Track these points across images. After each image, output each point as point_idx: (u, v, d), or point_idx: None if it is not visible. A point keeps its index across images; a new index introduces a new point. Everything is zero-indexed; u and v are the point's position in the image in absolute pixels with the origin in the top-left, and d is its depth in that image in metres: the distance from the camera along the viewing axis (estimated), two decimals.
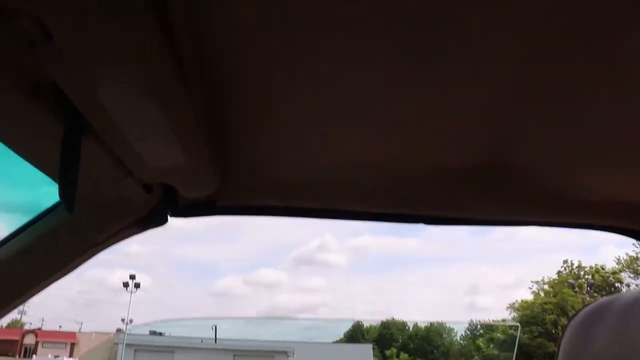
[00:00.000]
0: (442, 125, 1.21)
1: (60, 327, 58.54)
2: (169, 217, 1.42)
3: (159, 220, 1.40)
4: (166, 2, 0.79)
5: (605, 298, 1.05)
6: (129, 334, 46.86)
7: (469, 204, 1.51)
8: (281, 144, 1.31)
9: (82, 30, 0.73)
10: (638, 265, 40.11)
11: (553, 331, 39.81)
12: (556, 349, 1.07)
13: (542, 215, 1.58)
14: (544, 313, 40.66)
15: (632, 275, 40.63)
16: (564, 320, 37.84)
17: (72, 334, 56.10)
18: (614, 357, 0.90)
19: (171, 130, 1.00)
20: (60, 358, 39.23)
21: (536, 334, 40.32)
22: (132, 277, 46.40)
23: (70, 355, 47.70)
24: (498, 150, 1.31)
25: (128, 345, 43.96)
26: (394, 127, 1.22)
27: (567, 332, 1.05)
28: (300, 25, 0.89)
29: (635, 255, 40.14)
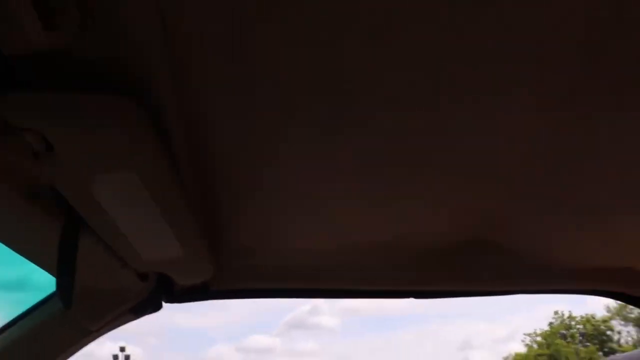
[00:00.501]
0: (431, 207, 1.26)
1: None
2: (163, 303, 1.44)
3: (154, 307, 1.42)
4: (160, 109, 0.82)
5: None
6: None
7: (457, 277, 1.55)
8: (273, 230, 1.34)
9: (82, 143, 0.78)
10: (627, 312, 39.96)
11: None
12: None
13: (531, 285, 1.62)
14: None
15: (622, 322, 40.41)
16: None
17: None
18: None
19: (166, 223, 1.03)
20: None
21: None
22: (122, 349, 44.83)
23: None
24: (485, 228, 1.37)
25: None
26: (384, 208, 1.26)
27: None
28: (287, 120, 0.92)
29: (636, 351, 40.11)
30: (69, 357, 1.34)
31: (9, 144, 0.79)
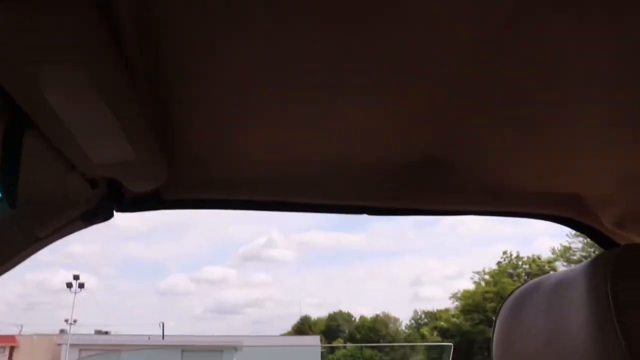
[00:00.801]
0: (382, 120, 1.24)
1: None
2: (114, 212, 1.42)
3: (104, 215, 1.39)
4: (112, 3, 0.79)
5: (536, 279, 1.09)
6: (74, 335, 45.57)
7: (411, 196, 1.56)
8: (225, 138, 1.32)
9: (22, 26, 0.73)
10: (571, 255, 42.09)
11: (493, 318, 41.14)
12: (492, 327, 1.14)
13: (481, 206, 1.66)
14: (485, 301, 41.98)
15: (565, 264, 42.33)
16: None
17: (11, 337, 53.81)
18: (543, 331, 0.95)
19: (117, 124, 0.98)
20: None
21: (477, 321, 41.62)
22: (76, 277, 44.90)
23: (10, 359, 45.93)
24: (437, 145, 1.36)
25: (72, 345, 42.57)
26: (337, 122, 1.24)
27: (502, 311, 1.11)
28: (245, 18, 0.89)
29: (568, 245, 42.08)
30: (17, 263, 1.29)
31: None
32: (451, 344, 31.91)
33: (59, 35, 0.75)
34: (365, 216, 1.63)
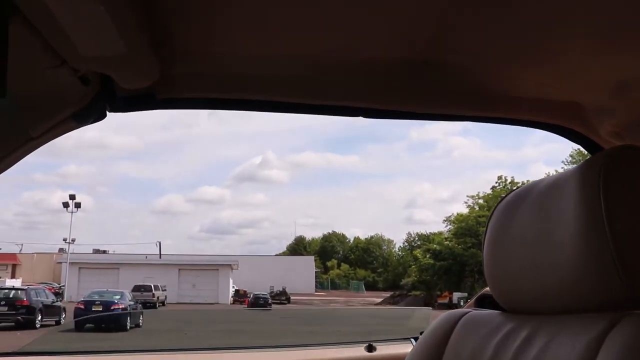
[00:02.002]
0: (377, 17, 1.23)
1: None
2: (107, 112, 1.39)
3: (97, 115, 1.36)
4: None
5: (527, 184, 1.10)
6: (73, 253, 46.51)
7: (404, 97, 1.54)
8: (219, 34, 1.29)
9: None
10: None
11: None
12: (484, 233, 1.13)
13: (477, 110, 1.63)
14: (478, 226, 42.85)
15: None
16: None
17: (12, 256, 55.12)
18: (534, 232, 0.97)
19: (105, 13, 0.96)
20: (2, 280, 38.60)
21: (470, 244, 42.66)
22: (72, 197, 45.36)
23: (13, 277, 47.05)
24: (432, 46, 1.34)
25: (72, 263, 43.68)
26: (329, 17, 1.22)
27: (494, 215, 1.11)
28: None
29: (563, 171, 42.36)
30: (12, 163, 1.29)
31: None
32: None
33: None
34: (358, 137, 1.75)
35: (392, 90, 1.51)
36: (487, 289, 1.16)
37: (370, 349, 2.29)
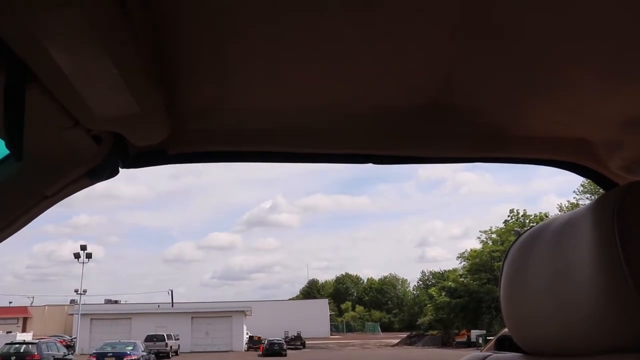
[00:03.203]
0: (385, 66, 1.23)
1: (10, 303, 57.18)
2: (120, 169, 1.39)
3: (110, 171, 1.37)
4: None
5: (541, 223, 1.09)
6: (84, 304, 46.25)
7: (415, 143, 1.53)
8: (228, 89, 1.30)
9: None
10: None
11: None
12: (499, 272, 1.12)
13: (487, 152, 1.62)
14: (492, 261, 42.35)
15: None
16: None
17: (23, 309, 54.98)
18: (550, 271, 0.95)
19: (119, 76, 0.97)
20: (13, 334, 38.33)
21: (485, 280, 42.09)
22: (83, 247, 45.41)
23: (24, 330, 46.74)
24: (442, 89, 1.34)
25: (84, 315, 43.39)
26: (339, 69, 1.23)
27: (509, 256, 1.10)
28: None
29: (575, 202, 42.06)
30: (26, 222, 1.30)
31: None
32: None
33: None
34: (367, 179, 1.75)
35: (402, 136, 1.50)
36: (506, 329, 1.13)
37: None
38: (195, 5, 0.98)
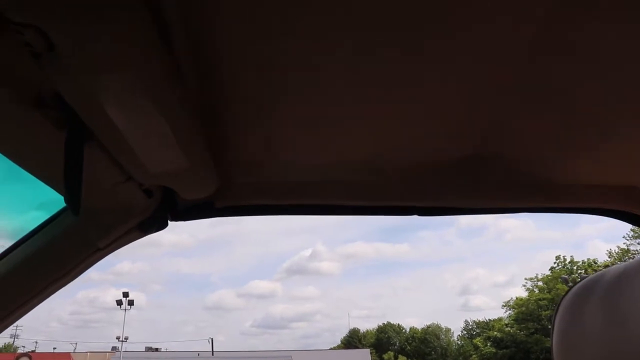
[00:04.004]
0: (429, 119, 1.24)
1: (54, 349, 57.78)
2: (169, 221, 1.43)
3: (160, 224, 1.41)
4: (164, 11, 0.82)
5: (594, 274, 1.07)
6: (125, 352, 46.35)
7: (460, 194, 1.53)
8: (276, 144, 1.33)
9: (84, 41, 0.76)
10: (630, 257, 40.42)
11: (549, 327, 39.93)
12: (550, 326, 1.10)
13: (534, 202, 1.60)
14: (540, 309, 40.76)
15: None
16: None
17: (66, 355, 55.34)
18: (606, 324, 0.92)
19: (171, 133, 1.02)
20: None
21: (532, 330, 40.42)
22: (126, 294, 45.86)
23: None
24: (485, 140, 1.34)
25: None
26: (383, 123, 1.25)
27: (560, 310, 1.07)
28: (294, 31, 0.93)
29: (626, 247, 40.42)
30: (79, 274, 1.34)
31: (7, 41, 0.77)
32: None
33: (118, 49, 0.79)
34: (407, 226, 1.70)
35: (447, 187, 1.50)
36: None
37: None
38: (243, 65, 1.02)
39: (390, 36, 0.95)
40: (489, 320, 50.99)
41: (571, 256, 45.30)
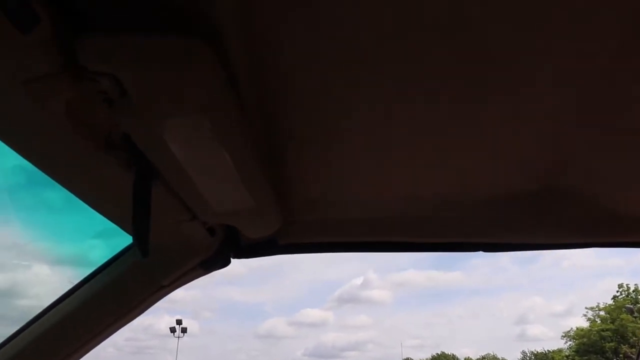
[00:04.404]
0: (498, 154, 1.22)
1: None
2: (231, 259, 1.44)
3: (222, 262, 1.42)
4: (231, 56, 0.83)
5: None
6: None
7: (526, 229, 1.49)
8: (339, 182, 1.33)
9: (155, 88, 0.79)
10: None
11: (614, 359, 37.96)
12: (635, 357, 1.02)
13: (606, 236, 1.54)
14: (603, 341, 38.82)
15: None
16: (624, 348, 36.04)
17: None
18: None
19: (237, 173, 1.03)
20: None
21: None
22: (179, 322, 46.54)
23: None
24: (552, 175, 1.31)
25: None
26: (449, 159, 1.23)
27: None
28: (358, 79, 0.93)
29: None
30: (143, 310, 1.37)
31: (83, 88, 0.79)
32: None
33: (184, 88, 0.80)
34: (459, 253, 1.57)
35: (513, 222, 1.46)
36: None
37: None
38: (305, 107, 1.03)
39: (462, 73, 0.94)
40: (548, 351, 48.91)
41: (635, 284, 43.05)
